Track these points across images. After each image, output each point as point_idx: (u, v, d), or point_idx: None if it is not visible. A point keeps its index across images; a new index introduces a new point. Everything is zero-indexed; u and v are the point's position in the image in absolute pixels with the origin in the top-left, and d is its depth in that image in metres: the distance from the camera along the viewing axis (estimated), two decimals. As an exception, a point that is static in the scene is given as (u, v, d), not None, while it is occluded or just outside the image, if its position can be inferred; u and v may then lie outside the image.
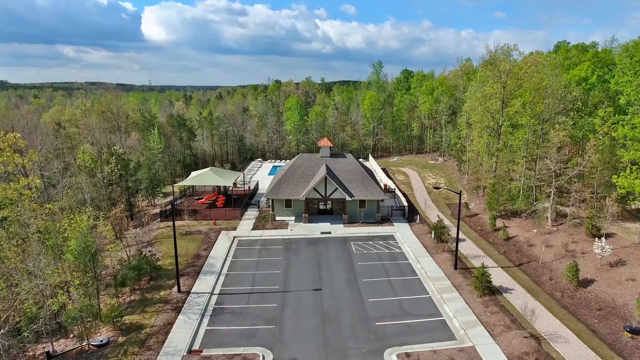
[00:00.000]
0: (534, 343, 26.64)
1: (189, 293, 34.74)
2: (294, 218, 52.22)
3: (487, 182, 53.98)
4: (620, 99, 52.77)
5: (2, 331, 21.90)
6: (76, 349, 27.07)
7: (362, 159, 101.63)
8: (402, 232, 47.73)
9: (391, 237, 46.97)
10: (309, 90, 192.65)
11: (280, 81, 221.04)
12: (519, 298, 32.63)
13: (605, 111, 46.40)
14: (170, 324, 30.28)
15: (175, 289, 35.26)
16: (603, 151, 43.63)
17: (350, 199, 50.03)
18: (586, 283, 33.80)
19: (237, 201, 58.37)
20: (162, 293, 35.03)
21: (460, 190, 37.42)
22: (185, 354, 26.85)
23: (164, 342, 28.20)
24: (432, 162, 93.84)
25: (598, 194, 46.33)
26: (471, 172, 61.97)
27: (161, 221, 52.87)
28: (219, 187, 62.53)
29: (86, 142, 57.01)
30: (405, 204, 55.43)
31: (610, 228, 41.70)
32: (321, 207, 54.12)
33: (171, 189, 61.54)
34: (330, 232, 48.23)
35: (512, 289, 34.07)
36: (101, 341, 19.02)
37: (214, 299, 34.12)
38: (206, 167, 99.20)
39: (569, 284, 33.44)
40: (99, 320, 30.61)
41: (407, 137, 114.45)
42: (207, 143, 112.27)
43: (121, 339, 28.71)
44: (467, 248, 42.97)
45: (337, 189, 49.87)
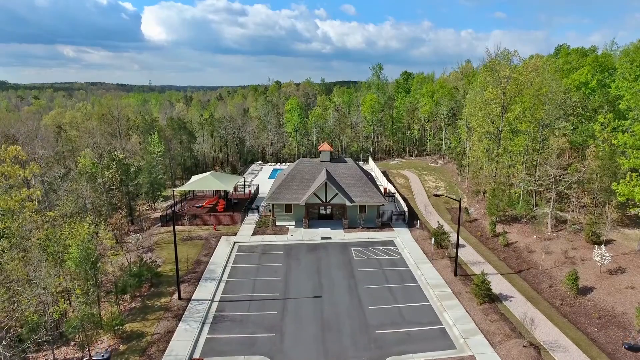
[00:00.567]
0: (533, 352, 26.72)
1: (189, 300, 34.83)
2: (294, 223, 52.32)
3: (487, 187, 54.07)
4: (620, 103, 52.93)
5: (3, 342, 21.98)
6: (78, 360, 27.15)
7: (362, 161, 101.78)
8: (402, 238, 47.83)
9: (391, 243, 47.06)
10: (309, 91, 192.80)
11: (280, 82, 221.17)
12: (519, 306, 32.72)
13: (605, 117, 46.43)
14: (171, 332, 30.38)
15: (176, 295, 35.37)
16: (603, 158, 43.70)
17: (351, 204, 50.12)
18: (586, 291, 33.89)
19: (237, 205, 58.46)
20: (162, 300, 35.13)
21: (460, 198, 37.49)
22: (186, 363, 26.95)
23: (164, 350, 28.29)
24: (432, 165, 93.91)
25: (598, 199, 46.42)
26: (471, 176, 62.09)
27: (162, 226, 52.96)
28: (219, 191, 62.63)
29: (87, 146, 57.04)
30: (406, 208, 55.52)
31: (610, 235, 41.79)
32: (321, 212, 54.20)
33: (171, 192, 61.59)
34: (330, 238, 48.33)
35: (512, 297, 34.16)
36: (102, 356, 19.05)
37: (215, 306, 34.21)
38: (207, 169, 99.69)
39: (569, 291, 33.52)
40: (100, 328, 30.73)
41: (407, 139, 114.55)
42: (207, 145, 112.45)
43: (122, 348, 28.80)
44: (467, 254, 43.05)
45: (337, 194, 49.96)
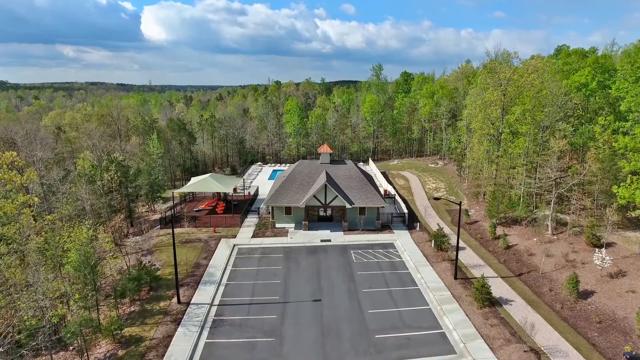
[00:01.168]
0: (533, 358, 26.62)
1: (188, 304, 34.72)
2: (293, 225, 52.19)
3: (487, 189, 53.93)
4: (620, 105, 52.76)
5: (0, 349, 21.88)
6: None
7: (362, 162, 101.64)
8: (402, 240, 47.70)
9: (391, 245, 46.94)
10: (309, 91, 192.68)
11: (280, 82, 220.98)
12: (519, 310, 32.60)
13: (606, 119, 46.28)
14: (169, 337, 30.27)
15: (175, 299, 35.26)
16: (603, 160, 43.55)
17: (350, 206, 49.99)
18: (586, 295, 33.76)
19: (237, 207, 58.35)
20: (161, 304, 35.02)
21: (460, 201, 37.35)
22: (184, 368, 26.85)
23: (163, 355, 28.19)
24: (432, 165, 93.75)
25: (598, 202, 46.28)
26: (471, 178, 61.95)
27: (161, 228, 52.84)
28: (219, 193, 62.51)
29: (86, 148, 56.93)
30: (405, 210, 55.39)
31: (611, 237, 41.67)
32: (321, 213, 54.08)
33: (171, 193, 61.46)
34: (330, 240, 48.21)
35: (512, 300, 34.03)
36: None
37: (214, 310, 34.10)
38: (207, 170, 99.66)
39: (569, 295, 33.39)
40: (99, 332, 30.62)
41: (407, 140, 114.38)
42: (207, 146, 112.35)
43: (120, 352, 28.70)
44: (467, 257, 42.92)
45: (337, 196, 49.83)
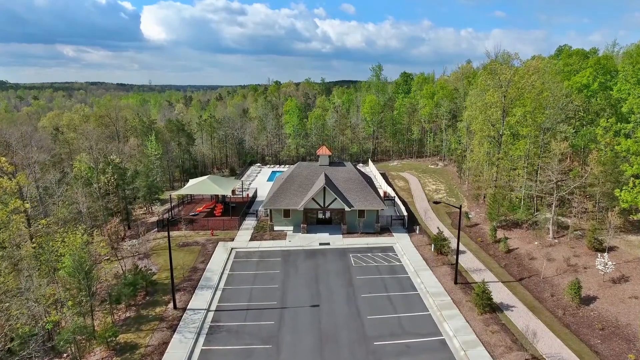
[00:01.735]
0: (535, 366, 26.13)
1: (185, 310, 34.22)
2: (292, 228, 51.68)
3: (488, 191, 53.40)
4: (622, 106, 52.28)
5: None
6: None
7: (362, 163, 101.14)
8: (401, 244, 47.19)
9: (390, 249, 46.44)
10: (309, 91, 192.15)
11: (280, 82, 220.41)
12: (520, 316, 32.10)
13: (607, 121, 45.78)
14: (165, 344, 29.78)
15: (171, 305, 34.76)
16: (605, 163, 43.04)
17: (349, 209, 49.48)
18: (588, 300, 33.26)
19: (235, 210, 57.86)
20: (157, 310, 34.52)
21: (461, 205, 36.84)
22: (179, 377, 26.35)
23: (158, 363, 27.70)
24: (432, 166, 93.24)
25: (600, 205, 45.75)
26: (471, 180, 61.43)
27: (158, 231, 52.35)
28: (217, 195, 61.99)
29: (83, 150, 56.44)
30: (405, 213, 54.87)
31: (613, 241, 41.16)
32: (320, 216, 53.59)
33: (169, 195, 60.95)
34: (329, 243, 47.70)
35: (513, 306, 33.52)
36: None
37: (210, 315, 33.61)
38: (206, 171, 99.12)
39: (571, 301, 32.89)
40: (94, 339, 30.11)
41: (407, 140, 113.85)
42: (206, 146, 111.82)
43: (115, 360, 28.22)
44: (468, 261, 42.42)
45: (335, 199, 49.32)
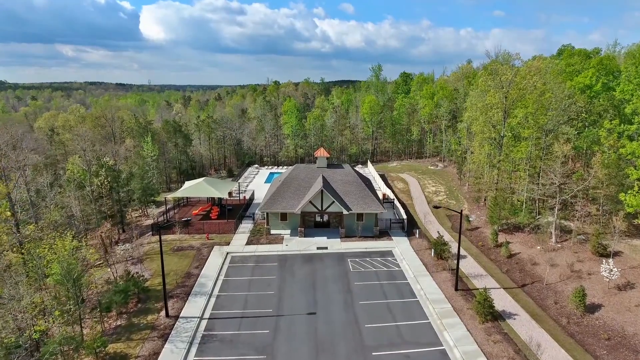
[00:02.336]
0: (539, 379, 25.13)
1: (177, 318, 33.21)
2: (289, 232, 50.65)
3: (489, 194, 52.39)
4: (625, 107, 51.28)
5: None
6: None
7: (361, 164, 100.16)
8: (400, 248, 46.18)
9: (389, 253, 45.41)
10: (308, 91, 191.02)
11: (279, 82, 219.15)
12: (523, 325, 31.09)
13: (611, 122, 44.78)
14: (156, 354, 28.76)
15: (164, 312, 33.74)
16: (609, 166, 42.03)
17: (348, 212, 48.46)
18: (593, 308, 32.26)
19: (231, 212, 56.82)
20: (149, 317, 33.50)
21: (462, 210, 35.83)
22: (169, 390, 25.34)
23: (148, 375, 26.71)
24: (432, 167, 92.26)
25: (604, 208, 44.74)
26: (472, 182, 60.41)
27: (153, 234, 51.28)
28: (213, 197, 60.89)
29: (74, 152, 55.42)
30: (405, 216, 53.85)
31: (617, 246, 40.18)
32: (318, 219, 52.58)
33: (165, 197, 59.85)
34: (326, 248, 46.68)
35: (515, 314, 32.51)
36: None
37: (204, 324, 32.59)
38: (204, 172, 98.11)
39: (576, 309, 31.88)
40: (82, 349, 29.08)
41: (406, 141, 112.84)
42: (204, 147, 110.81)
43: (103, 372, 27.21)
44: (468, 266, 41.40)
45: (333, 202, 48.29)
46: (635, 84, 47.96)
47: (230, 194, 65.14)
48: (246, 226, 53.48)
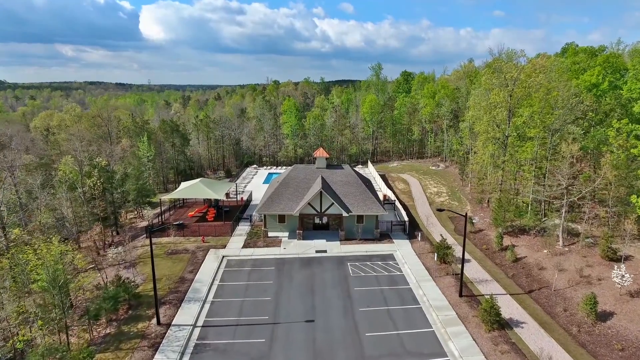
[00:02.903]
0: (551, 393, 23.67)
1: (169, 325, 31.75)
2: (287, 234, 49.20)
3: (493, 195, 50.87)
4: (633, 106, 49.80)
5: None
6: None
7: (361, 164, 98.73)
8: (402, 251, 44.71)
9: (391, 257, 43.94)
10: (308, 91, 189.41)
11: (278, 82, 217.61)
12: (532, 334, 29.63)
13: (620, 122, 43.27)
14: (145, 365, 27.34)
15: (155, 320, 32.28)
16: (619, 166, 40.51)
17: (347, 214, 46.99)
18: (605, 316, 30.78)
19: (228, 214, 55.39)
20: (140, 325, 32.04)
21: (466, 213, 34.37)
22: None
23: (136, 388, 25.28)
24: (433, 168, 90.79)
25: (613, 210, 43.21)
26: (475, 183, 58.90)
27: (146, 237, 49.83)
28: (210, 199, 59.45)
29: (69, 152, 53.97)
30: (406, 218, 52.36)
31: (628, 250, 38.69)
32: (316, 221, 51.12)
33: (164, 197, 58.38)
34: (325, 251, 45.21)
35: (523, 322, 31.03)
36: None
37: (197, 332, 31.15)
38: (202, 172, 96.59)
39: (587, 317, 30.40)
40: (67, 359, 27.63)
41: (407, 141, 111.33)
42: (203, 147, 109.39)
43: (89, 385, 25.75)
44: (473, 270, 39.91)
45: (333, 203, 46.81)
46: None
47: (227, 195, 63.75)
48: (243, 228, 52.02)
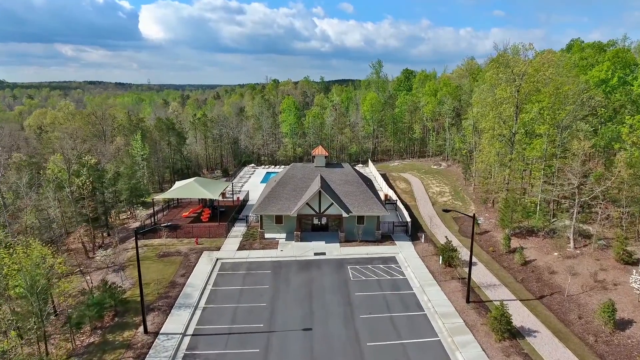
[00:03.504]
0: (570, 412, 21.64)
1: (157, 334, 29.73)
2: (284, 236, 47.17)
3: (499, 195, 48.81)
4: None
5: None
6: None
7: (362, 163, 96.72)
8: (405, 253, 42.68)
9: (393, 260, 41.90)
10: (307, 90, 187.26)
11: (278, 80, 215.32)
12: (545, 343, 27.60)
13: (633, 118, 41.24)
14: (129, 378, 25.33)
15: (142, 328, 30.25)
16: (634, 165, 38.46)
17: (348, 215, 44.96)
18: (623, 325, 28.76)
19: (224, 214, 53.38)
20: (125, 334, 30.00)
21: (474, 214, 32.32)
22: None
23: (118, 405, 23.25)
24: (435, 167, 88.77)
25: (627, 209, 41.13)
26: (480, 182, 56.82)
27: (138, 239, 47.72)
28: (205, 199, 57.37)
29: (58, 151, 51.92)
30: (409, 219, 50.33)
31: (643, 252, 36.68)
32: (315, 222, 49.11)
33: (156, 197, 56.27)
34: (324, 253, 43.18)
35: (535, 331, 29.01)
36: None
37: (186, 341, 29.12)
38: (199, 172, 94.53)
39: (604, 325, 28.37)
40: (46, 373, 25.65)
41: (408, 140, 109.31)
42: (200, 146, 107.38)
43: (67, 401, 23.74)
44: (480, 274, 37.86)
45: (332, 204, 44.78)
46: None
47: (223, 194, 61.72)
48: (239, 229, 49.99)
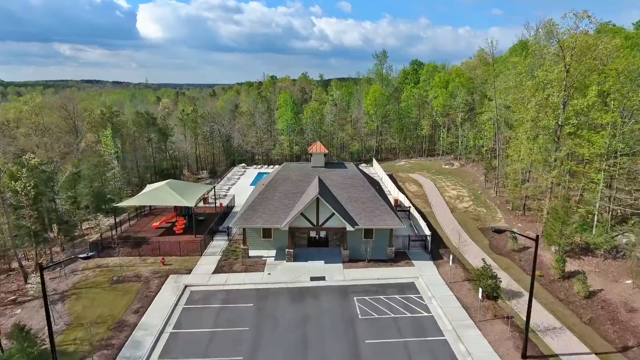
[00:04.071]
0: None
1: (80, 412, 20.46)
2: (274, 253, 37.85)
3: (542, 203, 39.44)
4: None
5: None
6: None
7: (365, 163, 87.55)
8: (426, 278, 33.37)
9: (411, 287, 32.55)
10: (306, 86, 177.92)
11: (275, 77, 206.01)
12: None
13: None
14: None
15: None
16: None
17: (353, 228, 35.62)
18: None
19: (202, 224, 44.13)
20: (35, 411, 20.71)
21: (537, 236, 22.98)
22: None
23: None
24: (446, 167, 79.48)
25: None
26: (510, 185, 47.45)
27: (91, 258, 38.39)
28: (182, 206, 47.92)
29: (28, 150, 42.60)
30: (427, 231, 41.02)
31: None
32: (312, 235, 39.91)
33: (120, 205, 46.68)
34: (324, 278, 33.86)
35: (635, 411, 19.77)
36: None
37: None
38: (177, 174, 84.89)
39: None
40: None
41: (415, 137, 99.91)
42: (189, 144, 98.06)
43: None
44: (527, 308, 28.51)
45: (333, 214, 35.43)
46: None
47: (205, 200, 52.43)
48: (218, 244, 40.66)
